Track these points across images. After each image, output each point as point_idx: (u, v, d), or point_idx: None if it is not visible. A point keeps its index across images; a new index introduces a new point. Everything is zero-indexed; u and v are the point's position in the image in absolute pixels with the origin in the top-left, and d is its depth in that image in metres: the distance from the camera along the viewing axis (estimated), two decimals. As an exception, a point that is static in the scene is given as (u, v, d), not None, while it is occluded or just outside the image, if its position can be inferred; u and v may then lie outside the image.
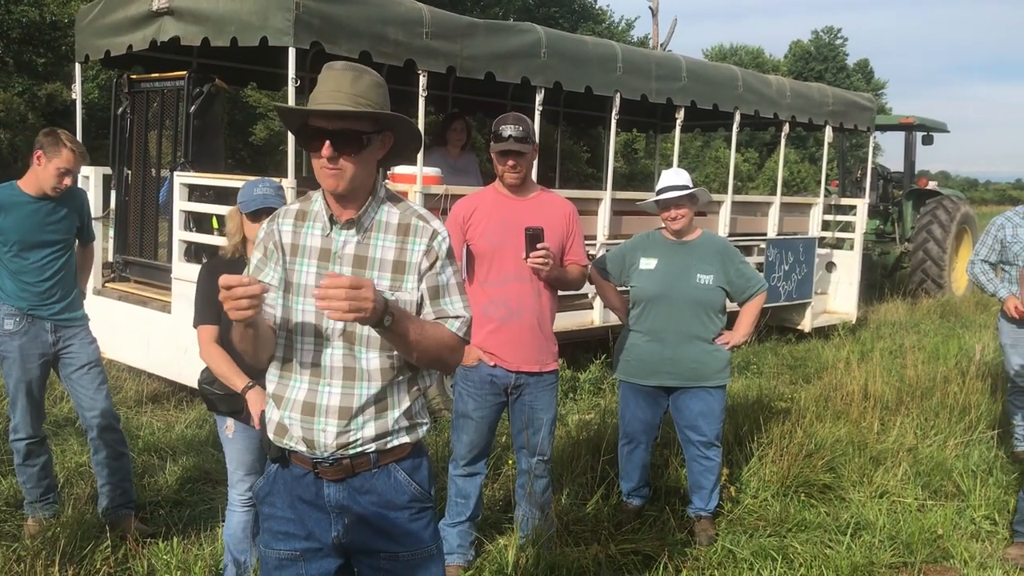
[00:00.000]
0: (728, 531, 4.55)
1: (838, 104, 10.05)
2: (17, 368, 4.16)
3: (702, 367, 4.43)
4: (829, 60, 53.07)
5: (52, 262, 4.19)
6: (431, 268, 2.25)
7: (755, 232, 9.25)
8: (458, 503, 4.04)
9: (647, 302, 4.49)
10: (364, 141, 2.17)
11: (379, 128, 2.22)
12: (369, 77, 2.20)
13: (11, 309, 4.14)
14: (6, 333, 4.15)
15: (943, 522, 4.67)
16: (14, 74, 18.94)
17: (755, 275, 4.55)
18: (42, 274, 4.16)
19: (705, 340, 4.44)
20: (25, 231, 4.09)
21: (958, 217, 13.40)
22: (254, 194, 3.35)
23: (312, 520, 2.30)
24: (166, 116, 6.85)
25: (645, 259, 4.51)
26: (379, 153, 2.24)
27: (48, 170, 4.04)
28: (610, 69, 7.44)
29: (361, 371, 2.22)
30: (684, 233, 4.51)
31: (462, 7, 20.72)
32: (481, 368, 3.94)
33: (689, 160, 29.87)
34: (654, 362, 4.47)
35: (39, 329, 4.19)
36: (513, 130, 3.81)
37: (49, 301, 4.20)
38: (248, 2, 5.66)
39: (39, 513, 4.26)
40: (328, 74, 2.19)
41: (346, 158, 2.15)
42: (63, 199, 4.20)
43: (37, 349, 4.20)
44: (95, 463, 4.37)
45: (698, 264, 4.43)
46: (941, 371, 7.46)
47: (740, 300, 4.54)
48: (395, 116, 2.21)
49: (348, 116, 2.14)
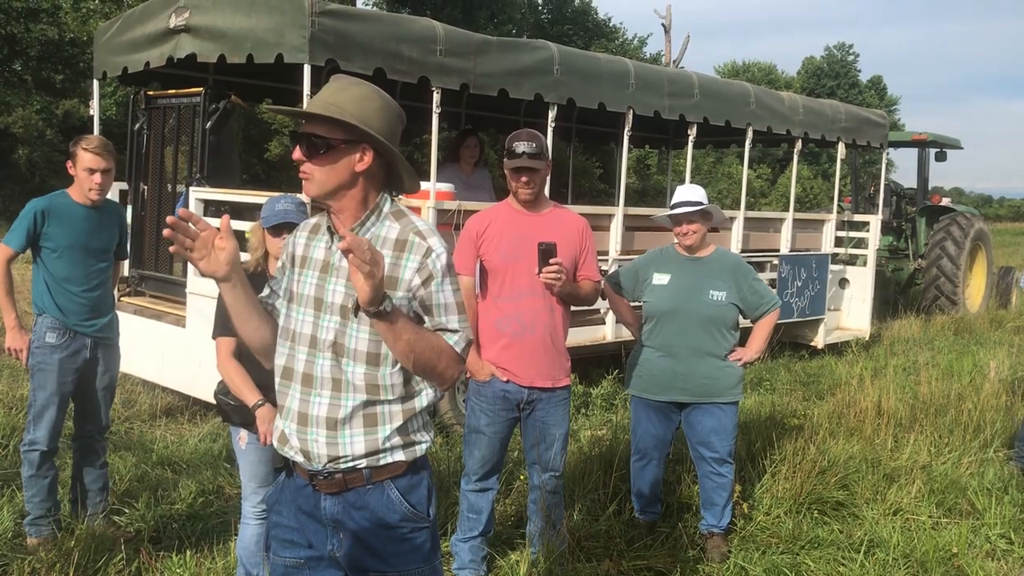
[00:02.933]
0: (740, 548, 4.53)
1: (851, 120, 10.05)
2: (53, 382, 4.19)
3: (714, 383, 4.42)
4: (841, 76, 53.10)
5: (97, 272, 4.26)
6: (424, 285, 2.21)
7: (768, 248, 9.24)
8: (470, 518, 4.03)
9: (659, 317, 4.49)
10: (324, 145, 2.18)
11: (353, 138, 2.20)
12: (357, 90, 2.21)
13: (54, 322, 4.18)
14: (47, 346, 4.18)
15: (958, 540, 4.64)
16: (33, 91, 19.15)
17: (768, 292, 4.55)
18: (88, 283, 4.22)
19: (717, 356, 4.43)
20: (75, 236, 4.18)
21: (972, 234, 13.35)
22: (275, 209, 3.40)
23: (311, 531, 2.31)
24: (182, 132, 6.92)
25: (658, 274, 4.52)
26: (357, 165, 2.21)
27: (78, 174, 4.15)
28: (623, 86, 7.48)
29: (347, 383, 2.23)
30: (697, 249, 4.52)
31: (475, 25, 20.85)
32: (494, 383, 3.95)
33: (701, 176, 29.89)
34: (666, 378, 4.47)
35: (79, 345, 4.24)
36: (527, 147, 3.83)
37: (92, 315, 4.25)
38: (264, 20, 5.73)
39: (44, 532, 4.21)
40: (326, 84, 2.24)
41: (312, 162, 2.19)
42: (106, 211, 4.30)
43: (74, 365, 4.24)
44: (87, 470, 4.40)
45: (711, 280, 4.43)
46: (955, 388, 7.41)
47: (753, 317, 4.54)
48: (357, 128, 2.16)
49: (319, 121, 2.17)
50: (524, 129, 3.97)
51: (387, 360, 2.22)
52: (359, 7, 14.00)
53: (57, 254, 4.17)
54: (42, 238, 4.15)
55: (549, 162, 3.98)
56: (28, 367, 4.26)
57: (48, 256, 4.18)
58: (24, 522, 4.27)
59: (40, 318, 4.23)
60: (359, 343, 2.21)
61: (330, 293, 2.25)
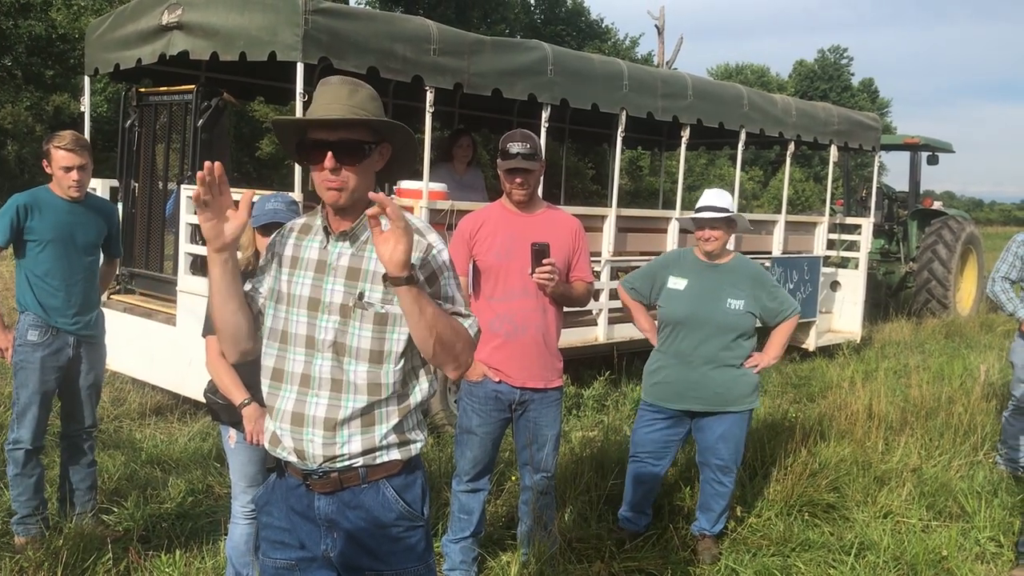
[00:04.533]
0: (731, 550, 4.53)
1: (843, 123, 10.08)
2: (35, 380, 4.16)
3: (727, 393, 4.37)
4: (834, 79, 53.30)
5: (81, 267, 4.22)
6: (430, 281, 2.23)
7: (760, 251, 9.26)
8: (461, 519, 4.02)
9: (675, 324, 4.44)
10: (366, 150, 2.19)
11: (377, 139, 2.24)
12: (365, 90, 2.23)
13: (36, 319, 4.15)
14: (29, 344, 4.15)
15: (948, 543, 4.65)
16: (23, 87, 19.05)
17: (787, 299, 4.49)
18: (71, 278, 4.19)
19: (732, 365, 4.38)
20: (58, 230, 4.14)
21: (963, 237, 13.39)
22: (265, 209, 3.40)
23: (304, 531, 2.30)
24: (174, 129, 6.89)
25: (675, 278, 4.46)
26: (378, 164, 2.26)
27: (55, 173, 4.13)
28: (616, 87, 7.47)
29: (348, 383, 2.22)
30: (716, 256, 4.46)
31: (469, 24, 20.84)
32: (486, 384, 3.94)
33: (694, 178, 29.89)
34: (680, 386, 4.41)
35: (62, 343, 4.21)
36: (520, 147, 3.82)
37: (75, 312, 4.21)
38: (257, 17, 5.71)
39: (31, 531, 4.19)
40: (324, 88, 2.21)
41: (348, 168, 2.17)
42: (92, 206, 4.27)
43: (56, 363, 4.20)
44: (74, 470, 4.38)
45: (729, 289, 4.37)
46: (946, 391, 7.44)
47: (773, 324, 4.50)
48: (394, 124, 2.24)
49: (349, 125, 2.16)
50: (518, 130, 3.96)
51: (390, 357, 2.23)
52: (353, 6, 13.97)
53: (40, 248, 4.13)
54: (26, 232, 4.12)
55: (543, 163, 3.97)
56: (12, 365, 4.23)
57: (31, 251, 4.14)
58: (11, 521, 4.24)
59: (23, 315, 4.19)
60: (361, 341, 2.21)
61: (328, 293, 2.24)
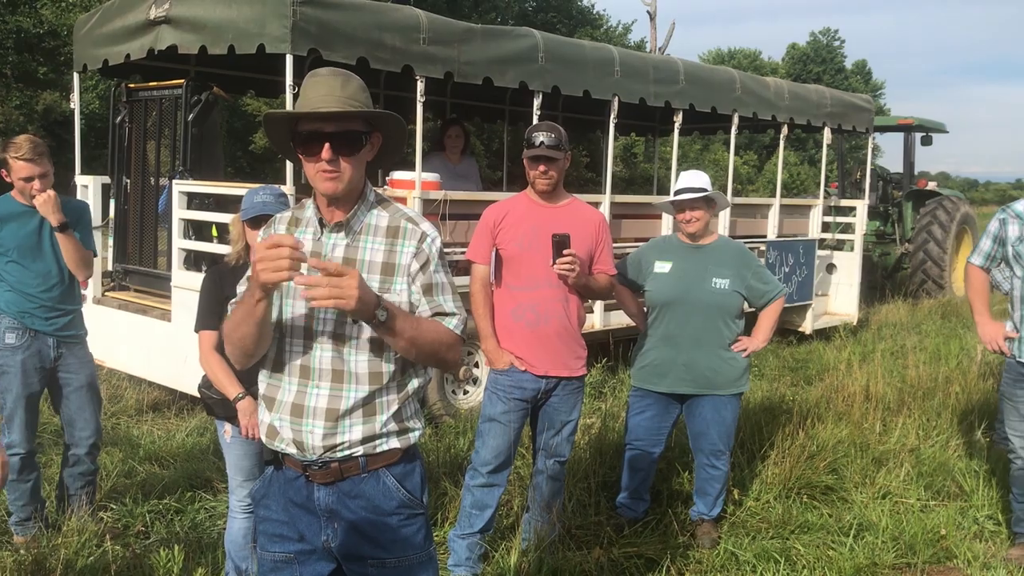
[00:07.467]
0: (731, 534, 4.54)
1: (836, 106, 10.06)
2: (18, 383, 4.14)
3: (716, 375, 4.37)
4: (827, 62, 53.14)
5: (53, 272, 4.18)
6: (423, 269, 2.26)
7: (755, 234, 9.25)
8: (472, 514, 4.00)
9: (661, 307, 4.44)
10: (363, 141, 2.21)
11: (370, 129, 2.25)
12: (356, 81, 2.24)
13: (13, 322, 4.13)
14: (8, 348, 4.13)
15: (946, 523, 4.66)
16: (12, 85, 18.93)
17: (773, 279, 4.49)
18: (46, 283, 4.15)
19: (721, 346, 4.37)
20: (22, 239, 4.10)
21: (958, 217, 13.40)
22: (253, 202, 3.38)
23: (303, 523, 2.30)
24: (164, 125, 6.85)
25: (660, 262, 4.46)
26: (370, 154, 2.28)
27: (15, 183, 4.07)
28: (608, 73, 7.45)
29: (349, 374, 2.23)
30: (700, 236, 4.45)
31: (459, 13, 20.75)
32: (511, 372, 3.96)
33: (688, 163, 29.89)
34: (668, 367, 4.41)
35: (41, 344, 4.19)
36: (546, 137, 3.88)
37: (52, 315, 4.18)
38: (245, 10, 5.67)
39: (30, 531, 4.17)
40: (314, 80, 2.21)
41: (345, 159, 2.18)
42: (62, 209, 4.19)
43: (38, 364, 4.18)
44: (71, 475, 4.36)
45: (714, 268, 4.37)
46: (943, 372, 7.45)
47: (759, 305, 4.49)
48: (388, 115, 2.26)
49: (346, 117, 2.17)
50: (544, 121, 4.03)
51: (389, 346, 2.24)
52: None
53: (9, 257, 4.10)
54: None
55: (568, 154, 4.01)
56: None
57: (1, 260, 4.11)
58: (10, 521, 4.24)
59: None
60: (361, 330, 2.22)
61: None
